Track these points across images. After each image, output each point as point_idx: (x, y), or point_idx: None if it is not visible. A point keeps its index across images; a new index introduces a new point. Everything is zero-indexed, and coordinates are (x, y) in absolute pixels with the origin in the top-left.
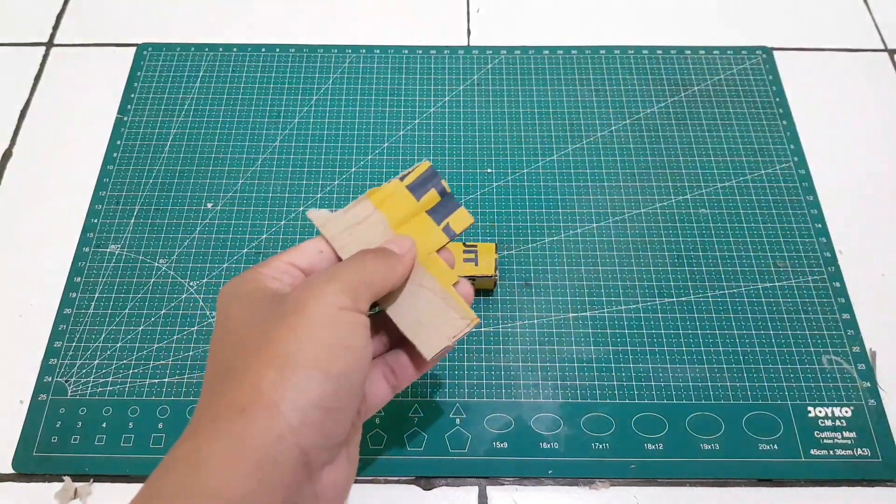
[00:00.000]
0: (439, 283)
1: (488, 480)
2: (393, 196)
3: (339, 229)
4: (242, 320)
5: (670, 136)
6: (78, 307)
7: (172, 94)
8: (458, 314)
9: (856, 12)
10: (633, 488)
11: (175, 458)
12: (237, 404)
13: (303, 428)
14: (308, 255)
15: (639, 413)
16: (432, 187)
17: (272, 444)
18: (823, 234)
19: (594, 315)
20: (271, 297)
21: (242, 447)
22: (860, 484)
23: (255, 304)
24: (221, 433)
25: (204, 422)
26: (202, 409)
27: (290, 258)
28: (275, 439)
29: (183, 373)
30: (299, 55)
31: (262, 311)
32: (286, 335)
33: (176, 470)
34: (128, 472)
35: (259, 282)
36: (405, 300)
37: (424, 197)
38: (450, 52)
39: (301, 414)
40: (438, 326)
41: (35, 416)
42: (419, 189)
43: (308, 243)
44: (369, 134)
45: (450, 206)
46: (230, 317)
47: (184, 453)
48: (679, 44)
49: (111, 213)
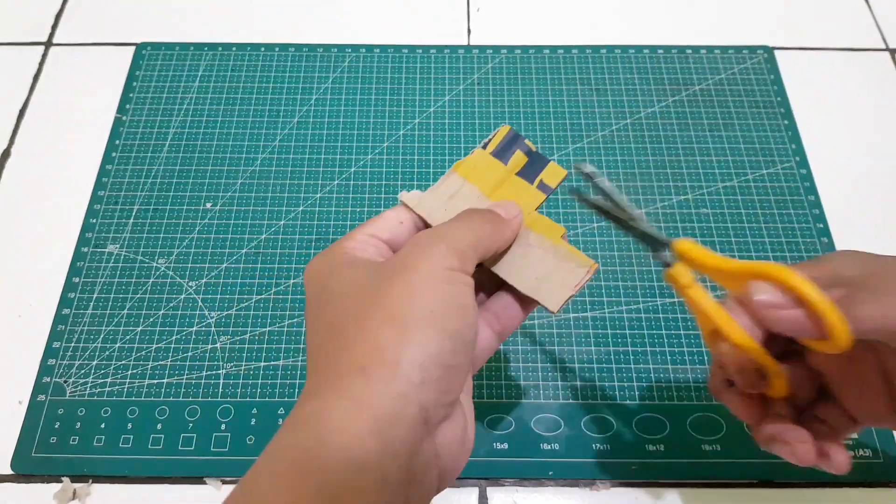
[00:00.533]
0: (547, 238)
1: (489, 481)
2: (479, 165)
3: (434, 206)
4: (347, 283)
5: (671, 136)
6: (76, 307)
7: (171, 94)
8: (576, 263)
9: (857, 12)
10: (633, 489)
11: (296, 422)
12: (356, 363)
13: (423, 385)
14: (390, 226)
15: (640, 414)
16: (517, 149)
17: (394, 402)
18: (825, 234)
19: (594, 315)
20: (368, 263)
21: (365, 406)
22: (861, 485)
23: (356, 269)
24: (343, 394)
25: (322, 384)
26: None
27: (371, 230)
28: (397, 396)
29: (182, 373)
30: (299, 55)
31: (367, 275)
32: (400, 294)
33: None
34: (126, 473)
35: (349, 253)
36: (515, 261)
37: (511, 160)
38: (450, 51)
39: (422, 371)
40: (558, 279)
41: (34, 417)
42: (504, 153)
43: (388, 213)
44: (369, 134)
45: (539, 164)
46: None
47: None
48: (680, 43)
49: (110, 213)
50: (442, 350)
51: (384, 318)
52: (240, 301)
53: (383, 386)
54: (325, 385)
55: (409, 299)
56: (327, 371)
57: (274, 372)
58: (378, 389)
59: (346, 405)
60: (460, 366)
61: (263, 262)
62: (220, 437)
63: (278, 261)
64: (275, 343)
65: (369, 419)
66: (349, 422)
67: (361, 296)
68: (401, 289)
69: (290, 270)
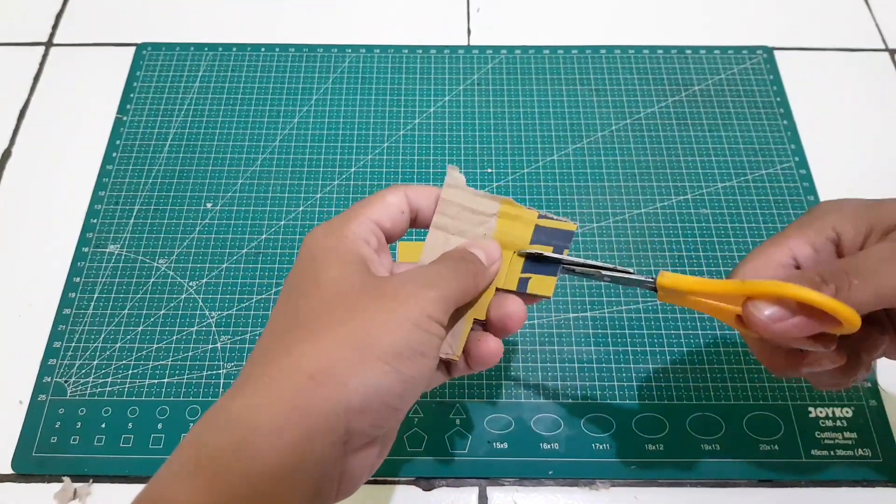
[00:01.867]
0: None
1: (488, 481)
2: (518, 220)
3: (455, 200)
4: (332, 278)
5: (670, 136)
6: (77, 307)
7: (172, 94)
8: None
9: (856, 12)
10: (633, 489)
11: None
12: (305, 369)
13: (360, 413)
14: (391, 214)
15: (639, 413)
16: (554, 244)
17: (327, 420)
18: None
19: (594, 315)
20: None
21: (300, 416)
22: (861, 484)
23: (348, 265)
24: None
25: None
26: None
27: (375, 216)
28: (331, 415)
29: (182, 373)
30: (299, 55)
31: (355, 279)
32: (375, 320)
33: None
34: (127, 473)
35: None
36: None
37: (538, 245)
38: (450, 51)
39: (363, 401)
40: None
41: (34, 417)
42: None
43: (392, 198)
44: (369, 134)
45: (546, 269)
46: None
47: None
48: (679, 43)
49: (110, 213)
50: (391, 391)
51: (351, 337)
52: (240, 301)
53: (322, 402)
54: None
55: (380, 330)
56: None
57: None
58: (317, 403)
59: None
60: (399, 409)
61: (264, 262)
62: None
63: (278, 261)
64: None
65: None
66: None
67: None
68: (379, 316)
69: (290, 270)
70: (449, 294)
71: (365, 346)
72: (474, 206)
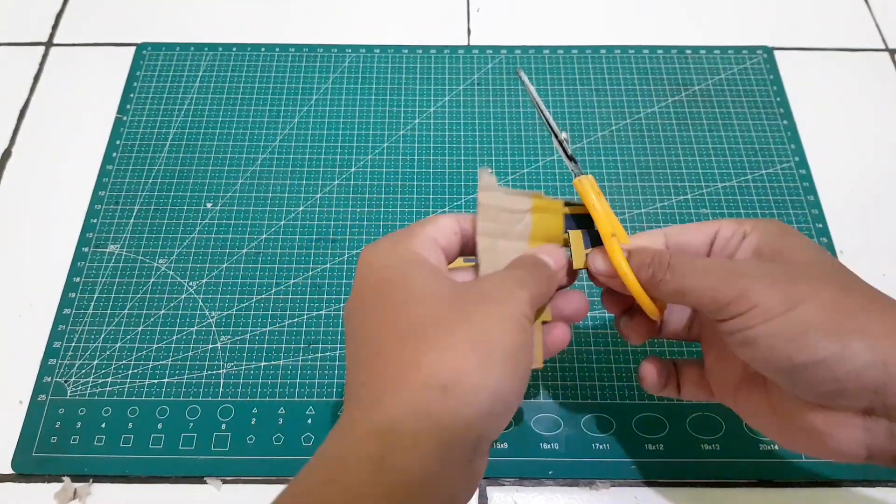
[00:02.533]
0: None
1: (488, 481)
2: (548, 212)
3: (492, 203)
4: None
5: (670, 136)
6: (77, 307)
7: (172, 94)
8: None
9: (857, 12)
10: (633, 489)
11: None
12: (437, 379)
13: (488, 417)
14: (446, 234)
15: (639, 413)
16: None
17: (463, 428)
18: (824, 234)
19: (594, 315)
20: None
21: (438, 427)
22: (860, 484)
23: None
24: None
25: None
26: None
27: (432, 234)
28: (466, 422)
29: (182, 373)
30: (299, 55)
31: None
32: (485, 323)
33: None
34: (127, 473)
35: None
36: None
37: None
38: (450, 51)
39: (491, 404)
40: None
41: (34, 417)
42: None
43: (445, 221)
44: (369, 134)
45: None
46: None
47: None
48: (679, 43)
49: (110, 213)
50: (512, 390)
51: (470, 341)
52: (240, 301)
53: (458, 409)
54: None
55: (494, 333)
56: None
57: (274, 372)
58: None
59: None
60: (513, 408)
61: (264, 261)
62: (221, 437)
63: (279, 261)
64: (275, 343)
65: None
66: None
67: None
68: (487, 319)
69: (290, 270)
70: (534, 295)
71: (486, 350)
72: (510, 206)
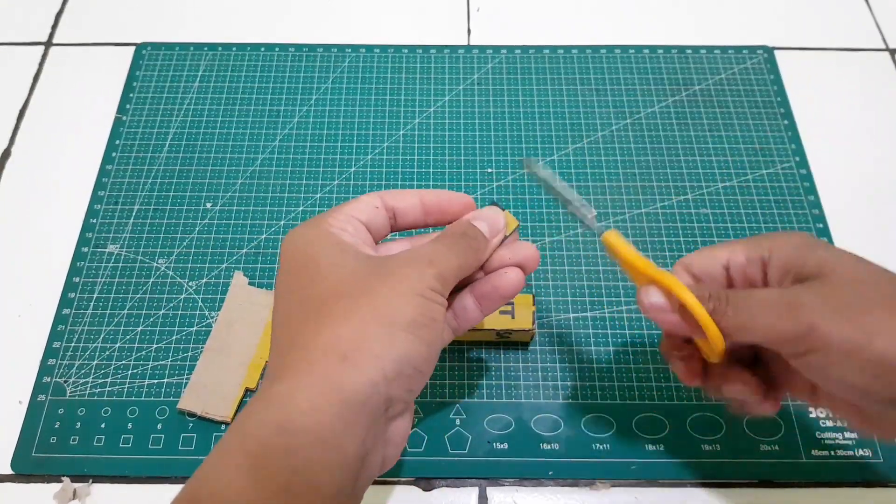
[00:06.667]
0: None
1: (488, 481)
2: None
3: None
4: (336, 266)
5: (671, 136)
6: (77, 307)
7: (171, 94)
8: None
9: (857, 12)
10: (633, 489)
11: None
12: (338, 350)
13: (395, 380)
14: (367, 211)
15: (639, 413)
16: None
17: (366, 390)
18: (824, 234)
19: (594, 315)
20: (358, 252)
21: (340, 392)
22: (861, 485)
23: (346, 254)
24: (319, 377)
25: (296, 363)
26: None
27: (351, 211)
28: (370, 385)
29: (182, 373)
30: (299, 55)
31: (358, 264)
32: (388, 297)
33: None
34: (127, 473)
35: (334, 233)
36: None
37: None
38: (450, 51)
39: (396, 369)
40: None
41: (34, 417)
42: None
43: (365, 198)
44: (369, 134)
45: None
46: (316, 261)
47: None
48: (679, 43)
49: (110, 213)
50: (418, 355)
51: (373, 314)
52: None
53: (359, 375)
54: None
55: (397, 305)
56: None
57: None
58: (354, 377)
59: (320, 387)
60: (425, 372)
61: (263, 262)
62: (221, 437)
63: (278, 261)
64: None
65: (340, 402)
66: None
67: (350, 284)
68: (390, 293)
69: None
70: (447, 271)
71: (388, 321)
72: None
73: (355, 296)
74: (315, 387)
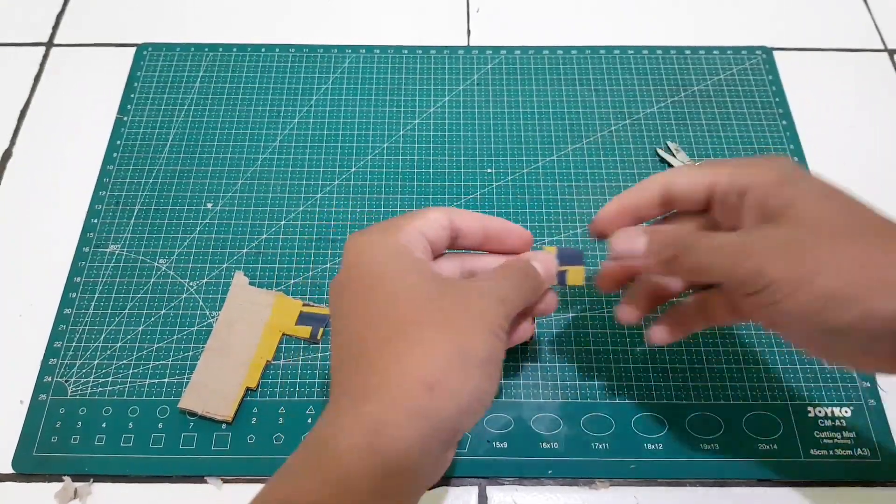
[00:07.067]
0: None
1: (488, 480)
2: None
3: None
4: (411, 285)
5: (670, 136)
6: (78, 307)
7: (172, 95)
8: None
9: (856, 12)
10: (632, 488)
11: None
12: (424, 381)
13: (465, 415)
14: (435, 229)
15: (639, 413)
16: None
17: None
18: None
19: (594, 315)
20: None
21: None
22: (860, 484)
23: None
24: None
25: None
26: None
27: (419, 226)
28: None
29: (183, 373)
30: (299, 55)
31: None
32: (469, 332)
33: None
34: (128, 473)
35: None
36: None
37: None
38: (450, 51)
39: (469, 405)
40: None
41: (35, 416)
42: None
43: (434, 215)
44: (369, 134)
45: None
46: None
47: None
48: (679, 44)
49: (111, 213)
50: (488, 392)
51: (455, 349)
52: None
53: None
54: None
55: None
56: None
57: (274, 371)
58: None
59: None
60: (488, 406)
61: (264, 261)
62: (221, 437)
63: (279, 261)
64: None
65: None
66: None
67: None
68: (469, 328)
69: (290, 270)
70: (514, 309)
71: (466, 356)
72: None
73: (436, 326)
74: (404, 413)
